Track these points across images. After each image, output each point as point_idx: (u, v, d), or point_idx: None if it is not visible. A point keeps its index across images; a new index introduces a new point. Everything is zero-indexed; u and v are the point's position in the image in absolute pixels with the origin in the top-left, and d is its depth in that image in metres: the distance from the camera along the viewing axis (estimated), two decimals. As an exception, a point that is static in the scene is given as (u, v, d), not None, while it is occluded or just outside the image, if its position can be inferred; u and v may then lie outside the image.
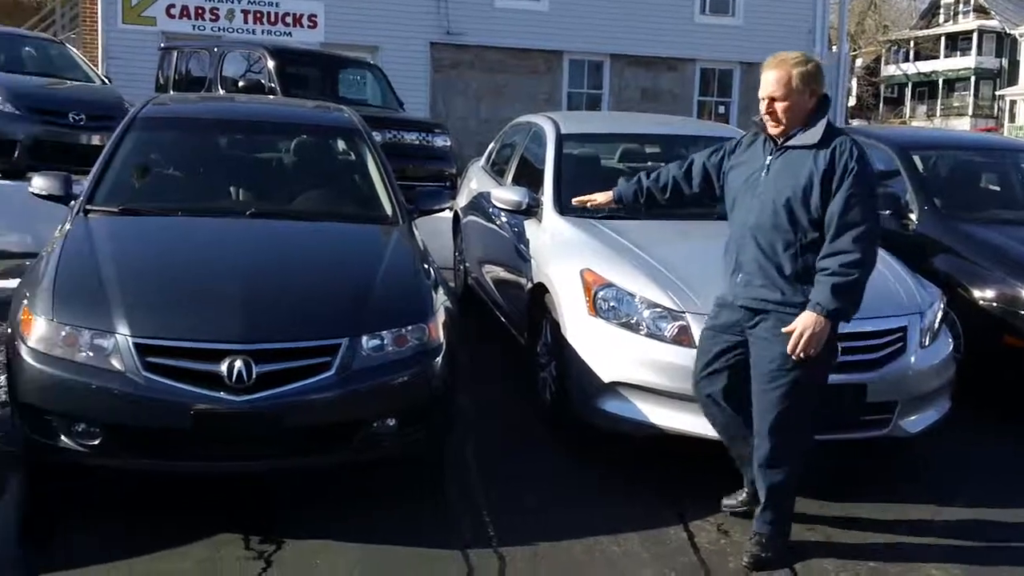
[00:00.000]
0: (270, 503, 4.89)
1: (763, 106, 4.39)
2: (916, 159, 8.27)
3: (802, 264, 4.33)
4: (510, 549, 4.58)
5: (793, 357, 4.27)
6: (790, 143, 4.39)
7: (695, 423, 5.15)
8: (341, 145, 6.90)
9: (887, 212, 7.91)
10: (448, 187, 11.92)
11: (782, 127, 4.38)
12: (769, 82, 4.36)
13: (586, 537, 4.72)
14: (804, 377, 4.37)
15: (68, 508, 4.74)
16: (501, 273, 7.56)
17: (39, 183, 5.96)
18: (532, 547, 4.61)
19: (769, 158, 4.45)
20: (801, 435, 4.53)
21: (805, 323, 4.22)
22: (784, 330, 4.28)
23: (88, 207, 5.69)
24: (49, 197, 5.93)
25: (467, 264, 8.99)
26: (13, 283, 9.16)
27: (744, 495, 4.92)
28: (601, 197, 5.31)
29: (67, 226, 5.49)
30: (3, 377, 5.60)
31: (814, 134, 4.33)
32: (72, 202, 5.87)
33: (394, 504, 4.98)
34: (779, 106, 4.34)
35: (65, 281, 4.79)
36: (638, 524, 4.87)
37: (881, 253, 6.18)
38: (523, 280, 6.73)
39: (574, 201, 5.72)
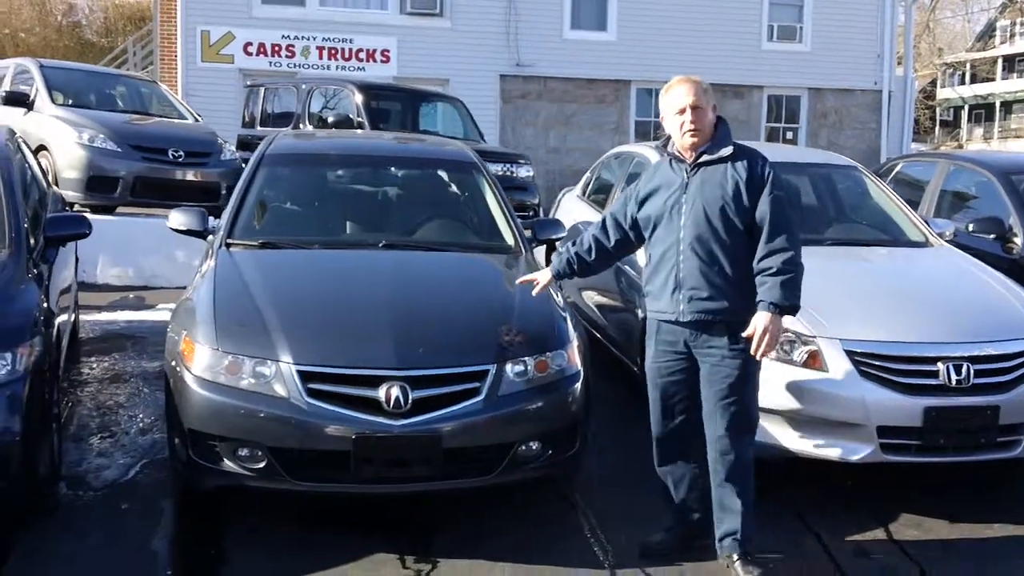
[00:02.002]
0: (418, 524, 5.03)
1: (685, 118, 4.46)
2: (1017, 183, 8.31)
3: (741, 271, 4.45)
4: (657, 569, 4.70)
5: (758, 356, 4.40)
6: (704, 159, 4.52)
7: (825, 446, 5.31)
8: (461, 178, 7.08)
9: (990, 236, 7.97)
10: (532, 217, 12.05)
11: (701, 137, 4.49)
12: (685, 94, 4.48)
13: (729, 557, 4.82)
14: (754, 384, 4.58)
15: (229, 530, 4.93)
16: (608, 300, 7.69)
17: (178, 219, 6.18)
18: (678, 567, 4.72)
19: (685, 176, 4.55)
20: (753, 440, 4.68)
21: (764, 323, 4.32)
22: (744, 335, 4.38)
23: (229, 241, 5.91)
24: (188, 232, 6.15)
25: (563, 290, 9.10)
26: (119, 315, 9.56)
27: (663, 535, 4.89)
28: (543, 278, 5.09)
29: (211, 261, 5.70)
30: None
31: (727, 148, 4.52)
32: (210, 236, 6.10)
33: (534, 525, 5.13)
34: (699, 114, 4.47)
35: (224, 312, 5.00)
36: (776, 546, 4.92)
37: (1001, 277, 6.31)
38: (637, 308, 6.84)
39: (517, 282, 5.40)
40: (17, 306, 4.99)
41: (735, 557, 4.60)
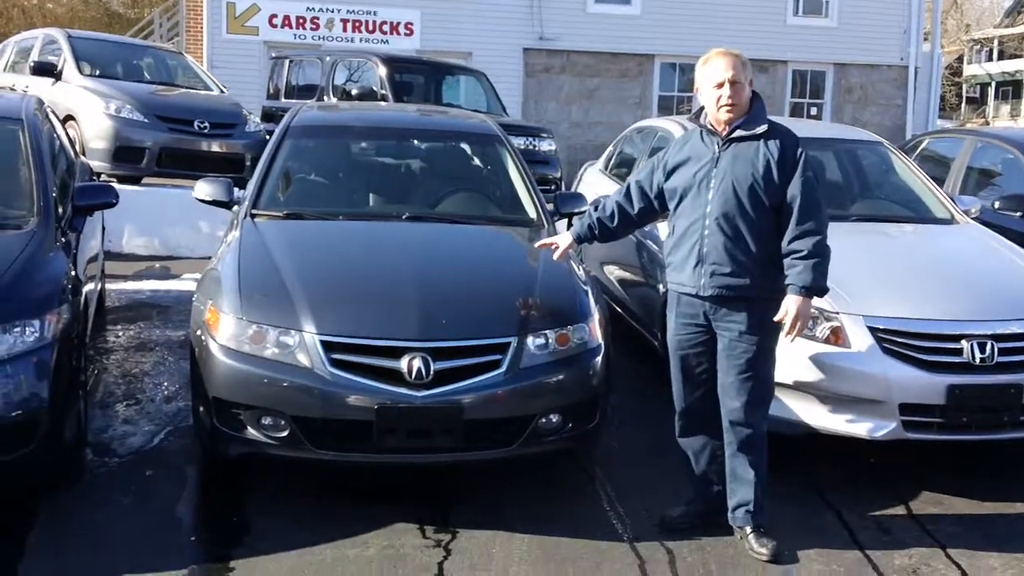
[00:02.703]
0: (438, 495, 5.08)
1: (723, 92, 4.46)
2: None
3: (765, 249, 4.47)
4: (676, 543, 4.72)
5: (791, 340, 4.47)
6: (737, 134, 4.52)
7: (847, 422, 5.30)
8: (484, 151, 7.11)
9: (1016, 214, 7.93)
10: (554, 191, 12.04)
11: (737, 112, 4.49)
12: (725, 68, 4.47)
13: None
14: (772, 359, 4.62)
15: (251, 498, 4.99)
16: (629, 275, 7.69)
17: (204, 189, 6.23)
18: (697, 541, 4.74)
19: (717, 149, 4.55)
20: (768, 413, 4.71)
21: (798, 307, 4.38)
22: (776, 319, 4.43)
23: (254, 212, 5.94)
24: (214, 202, 6.20)
25: (585, 264, 9.11)
26: (144, 284, 9.64)
27: (684, 508, 4.93)
28: (563, 242, 5.11)
29: (236, 231, 5.73)
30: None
31: (762, 125, 4.51)
32: (235, 207, 6.14)
33: (553, 497, 5.17)
34: (737, 89, 4.46)
35: (249, 281, 5.04)
36: (795, 521, 4.97)
37: (1025, 254, 6.28)
38: (658, 283, 6.84)
39: (536, 245, 5.47)
40: (46, 274, 5.03)
41: (748, 530, 4.65)
